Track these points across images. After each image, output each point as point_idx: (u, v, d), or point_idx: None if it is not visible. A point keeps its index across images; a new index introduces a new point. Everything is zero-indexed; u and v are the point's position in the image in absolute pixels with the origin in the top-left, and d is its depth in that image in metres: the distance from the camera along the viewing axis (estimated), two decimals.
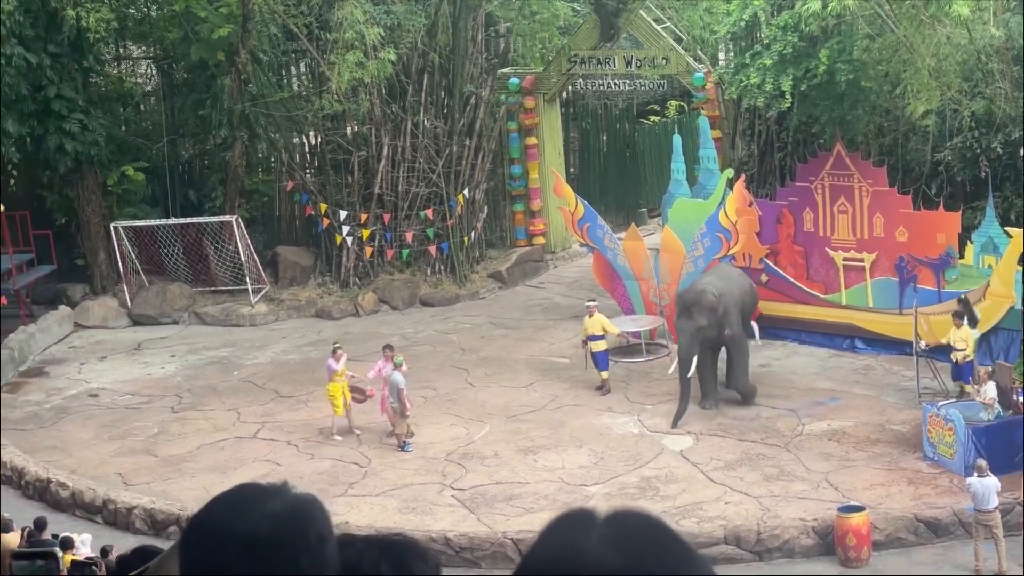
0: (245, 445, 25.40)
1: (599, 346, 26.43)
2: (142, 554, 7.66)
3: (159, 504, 21.13)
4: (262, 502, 2.07)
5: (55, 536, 17.63)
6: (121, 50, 38.05)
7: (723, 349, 26.88)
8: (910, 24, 27.29)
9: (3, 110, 32.63)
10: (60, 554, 16.03)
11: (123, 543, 16.85)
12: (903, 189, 28.31)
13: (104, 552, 16.49)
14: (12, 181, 34.98)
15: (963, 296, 26.26)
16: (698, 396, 26.39)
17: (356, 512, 21.21)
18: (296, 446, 24.76)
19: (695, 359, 25.91)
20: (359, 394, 25.03)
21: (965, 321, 25.43)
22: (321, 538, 2.07)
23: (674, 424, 25.56)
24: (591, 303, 27.15)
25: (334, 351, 26.02)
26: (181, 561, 2.18)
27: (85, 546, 17.57)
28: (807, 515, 21.75)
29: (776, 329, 29.16)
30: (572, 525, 1.49)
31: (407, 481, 23.14)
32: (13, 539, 17.26)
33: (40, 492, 24.00)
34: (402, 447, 24.36)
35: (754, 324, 27.77)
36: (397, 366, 24.41)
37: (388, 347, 25.88)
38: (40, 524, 18.77)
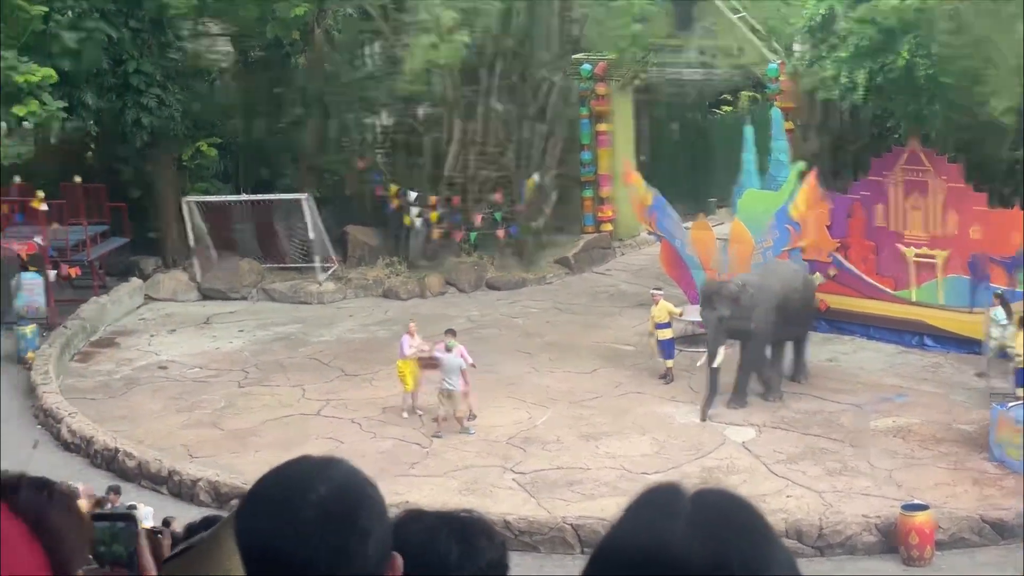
0: (309, 422, 25.47)
1: (665, 334, 26.37)
2: (208, 523, 6.58)
3: (223, 477, 21.48)
4: (317, 475, 2.13)
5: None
6: (199, 27, 37.76)
7: (790, 343, 26.19)
8: (991, 20, 27.66)
9: (83, 83, 33.14)
10: (139, 516, 16.72)
11: (187, 515, 16.89)
12: (978, 187, 28.01)
13: (166, 523, 16.76)
14: (89, 153, 35.68)
15: (999, 291, 26.55)
16: (760, 389, 25.82)
17: (417, 492, 20.91)
18: (359, 424, 24.91)
19: (722, 350, 25.77)
20: (429, 359, 24.81)
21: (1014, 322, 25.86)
22: (372, 514, 2.12)
23: (702, 417, 25.42)
24: (657, 291, 27.02)
25: (409, 328, 25.86)
26: (237, 530, 2.22)
27: (147, 519, 17.84)
28: (870, 512, 21.51)
29: (844, 324, 29.09)
30: (660, 505, 1.48)
31: (468, 463, 23.09)
32: (82, 506, 17.34)
33: (108, 461, 24.17)
34: (465, 430, 24.21)
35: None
36: (449, 349, 24.38)
37: (450, 331, 25.59)
38: (115, 491, 19.00)
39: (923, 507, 20.36)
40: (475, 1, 33.80)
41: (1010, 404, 23.56)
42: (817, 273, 29.13)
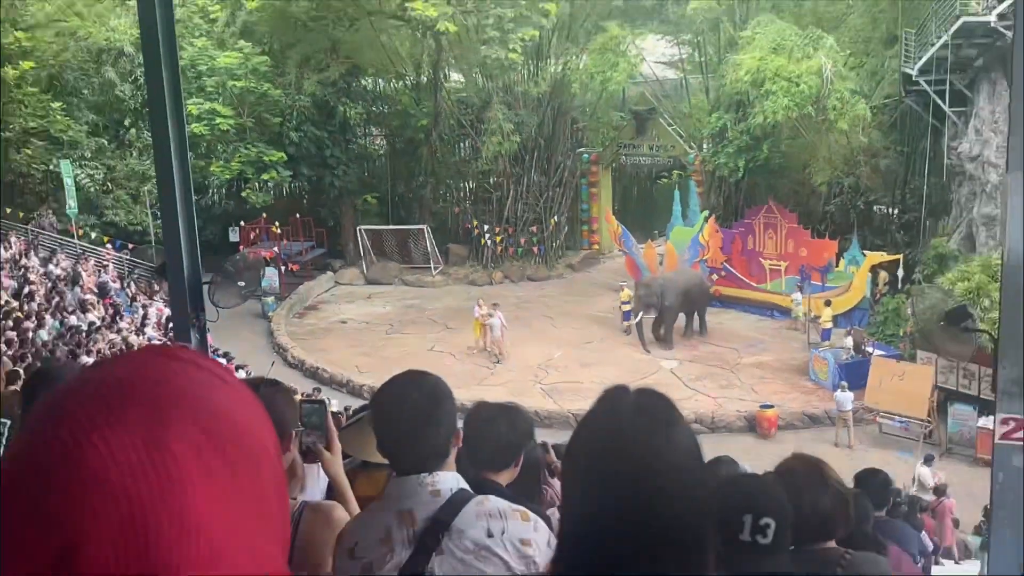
0: (425, 354, 25.75)
1: (626, 308, 26.92)
2: (363, 409, 6.74)
3: (378, 383, 22.41)
4: (417, 381, 2.41)
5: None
6: (366, 129, 37.70)
7: (696, 314, 27.03)
8: (814, 131, 27.80)
9: (301, 161, 33.33)
10: (328, 403, 18.22)
11: (356, 404, 17.80)
12: (806, 226, 28.32)
13: (345, 408, 17.62)
14: (304, 201, 36.67)
15: (799, 283, 27.55)
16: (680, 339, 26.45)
17: (484, 394, 19.69)
18: (453, 355, 25.77)
19: (640, 315, 25.77)
20: (486, 319, 25.90)
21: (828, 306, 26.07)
22: (444, 406, 2.38)
23: (645, 349, 25.78)
24: (623, 284, 27.72)
25: (478, 302, 26.93)
26: (373, 412, 2.51)
27: (332, 405, 18.80)
28: (742, 409, 22.65)
29: (729, 303, 29.04)
30: (615, 397, 1.47)
31: (514, 378, 24.11)
32: (296, 397, 18.52)
33: (312, 374, 25.17)
34: (497, 359, 25.46)
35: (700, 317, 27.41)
36: (490, 315, 25.77)
37: (495, 304, 26.83)
38: (317, 390, 20.86)
39: (771, 406, 21.61)
40: (523, 117, 32.73)
41: (820, 348, 24.34)
42: (714, 274, 29.15)
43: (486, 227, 33.65)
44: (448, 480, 2.29)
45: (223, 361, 21.36)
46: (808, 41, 26.32)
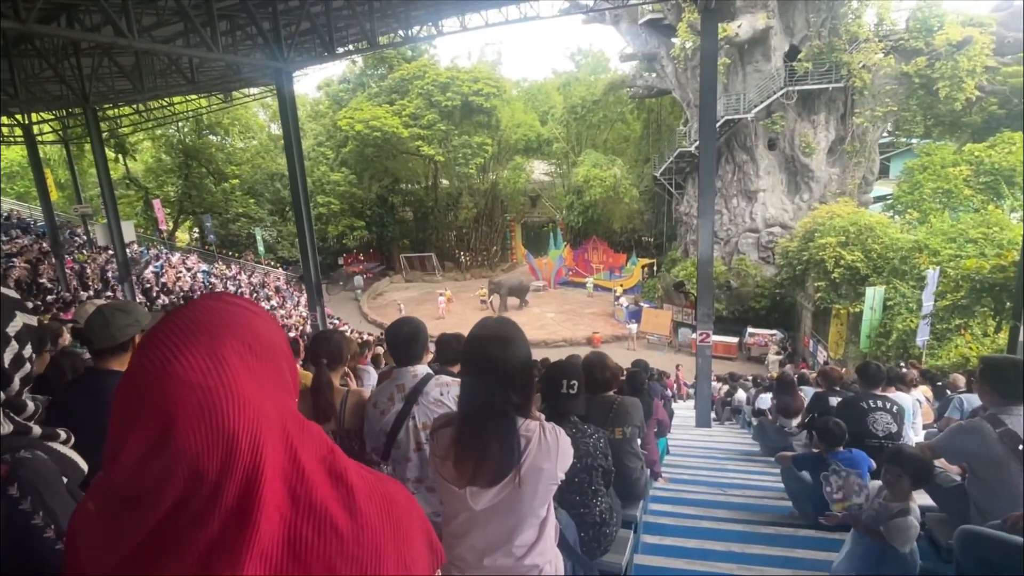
0: (430, 312, 25.24)
1: (482, 295, 26.22)
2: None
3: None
4: (409, 321, 2.40)
5: None
6: (403, 208, 35.69)
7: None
8: (613, 203, 29.05)
9: (372, 225, 33.68)
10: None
11: None
12: (610, 248, 29.71)
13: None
14: (371, 239, 35.36)
15: (616, 276, 27.77)
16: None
17: (444, 326, 16.62)
18: (438, 310, 25.17)
19: (491, 297, 25.39)
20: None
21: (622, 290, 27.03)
22: (425, 330, 2.35)
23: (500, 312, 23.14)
24: (483, 285, 26.51)
25: (442, 291, 27.12)
26: (386, 333, 2.44)
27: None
28: (584, 333, 22.51)
29: (576, 284, 29.72)
30: (487, 318, 1.53)
31: (459, 320, 21.89)
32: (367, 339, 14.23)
33: (379, 325, 24.32)
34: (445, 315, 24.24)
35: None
36: (441, 294, 25.54)
37: (447, 291, 26.91)
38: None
39: (597, 332, 22.84)
40: (476, 199, 32.61)
41: (618, 303, 25.27)
42: (569, 271, 29.87)
43: (460, 252, 34.91)
44: (421, 369, 2.29)
45: (336, 322, 21.64)
46: (609, 161, 29.28)
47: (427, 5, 11.90)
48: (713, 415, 10.90)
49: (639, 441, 3.26)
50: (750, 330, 21.59)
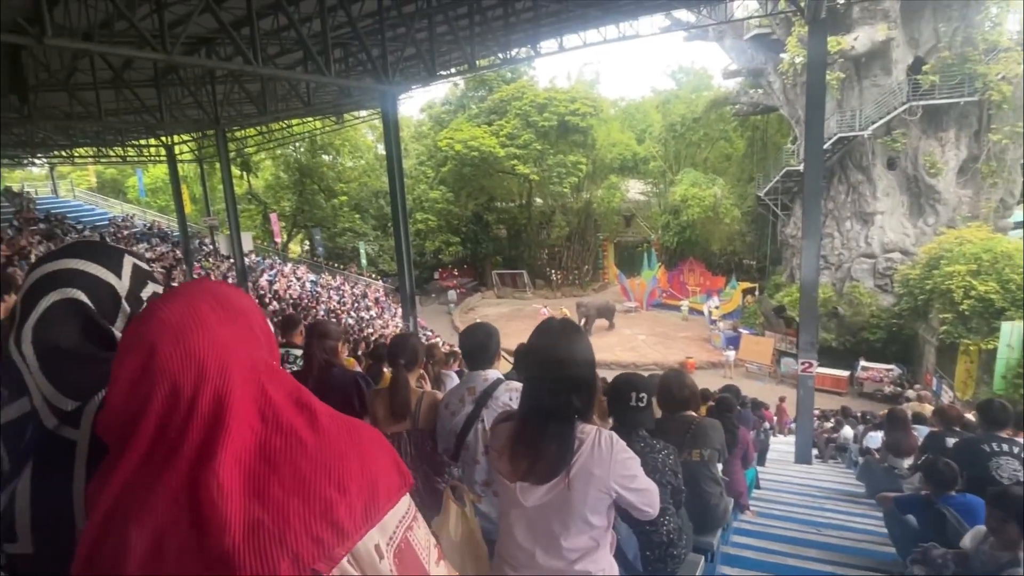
0: (518, 326, 22.25)
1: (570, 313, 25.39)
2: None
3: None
4: (483, 327, 2.47)
5: None
6: (497, 226, 35.99)
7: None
8: (712, 224, 28.45)
9: (467, 241, 34.21)
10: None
11: None
12: (708, 270, 29.16)
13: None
14: (465, 256, 35.81)
15: (715, 303, 27.04)
16: None
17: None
18: (529, 325, 27.32)
19: (583, 319, 24.72)
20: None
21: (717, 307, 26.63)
22: (497, 337, 2.38)
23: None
24: (567, 307, 26.60)
25: (544, 308, 27.04)
26: (461, 340, 2.47)
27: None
28: (677, 358, 21.68)
29: (670, 307, 29.11)
30: (549, 320, 1.52)
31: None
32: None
33: None
34: None
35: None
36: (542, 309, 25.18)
37: (550, 308, 26.20)
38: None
39: (691, 357, 22.30)
40: (569, 218, 32.77)
41: (715, 329, 24.79)
42: (663, 293, 29.69)
43: (552, 271, 34.90)
44: (492, 374, 2.35)
45: (429, 333, 21.34)
46: (709, 180, 28.89)
47: (526, 27, 12.06)
48: (816, 452, 10.48)
49: (719, 466, 3.19)
50: (863, 363, 20.65)
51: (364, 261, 32.63)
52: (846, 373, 20.43)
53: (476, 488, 2.27)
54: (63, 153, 24.08)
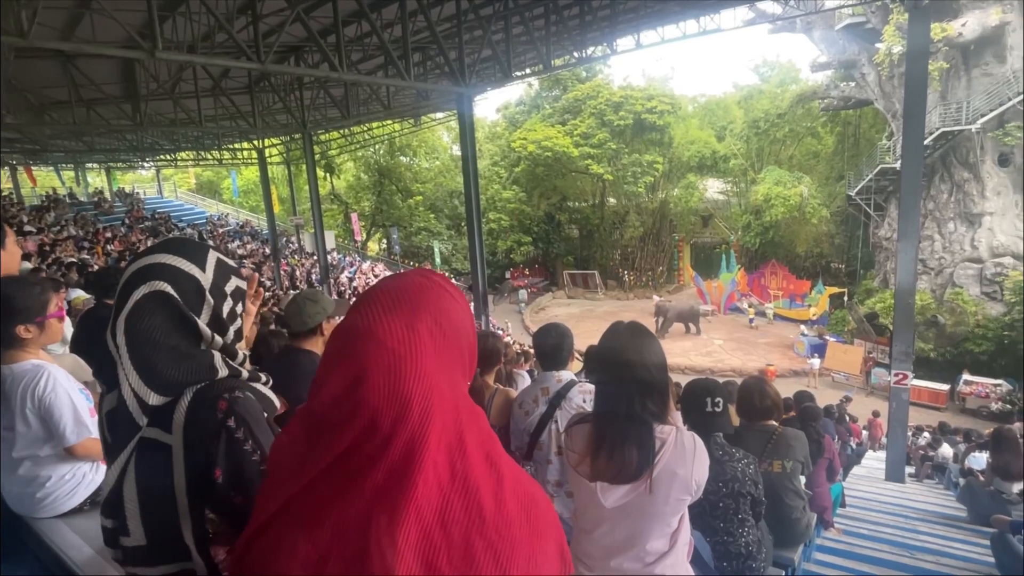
0: (589, 327, 24.70)
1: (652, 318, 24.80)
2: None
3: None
4: (557, 327, 2.43)
5: None
6: (569, 226, 35.61)
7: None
8: (797, 224, 27.63)
9: (539, 241, 33.93)
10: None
11: None
12: (791, 273, 28.26)
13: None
14: (526, 256, 34.87)
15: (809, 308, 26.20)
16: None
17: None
18: (601, 325, 25.91)
19: (660, 320, 24.10)
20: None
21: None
22: (571, 337, 2.38)
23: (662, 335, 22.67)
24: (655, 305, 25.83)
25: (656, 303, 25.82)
26: (534, 340, 2.49)
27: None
28: (757, 365, 20.91)
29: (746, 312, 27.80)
30: (618, 323, 1.51)
31: None
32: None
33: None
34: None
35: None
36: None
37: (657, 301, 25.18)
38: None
39: (772, 365, 21.21)
40: (643, 218, 31.91)
41: (800, 335, 23.45)
42: (742, 298, 28.60)
43: (624, 272, 34.05)
44: (566, 375, 2.37)
45: (499, 331, 20.54)
46: (795, 179, 28.01)
47: (602, 25, 11.88)
48: (911, 470, 10.02)
49: (803, 479, 3.08)
50: (966, 377, 19.54)
51: (438, 260, 33.01)
52: (946, 387, 19.47)
53: (548, 488, 2.26)
54: (167, 157, 25.69)
